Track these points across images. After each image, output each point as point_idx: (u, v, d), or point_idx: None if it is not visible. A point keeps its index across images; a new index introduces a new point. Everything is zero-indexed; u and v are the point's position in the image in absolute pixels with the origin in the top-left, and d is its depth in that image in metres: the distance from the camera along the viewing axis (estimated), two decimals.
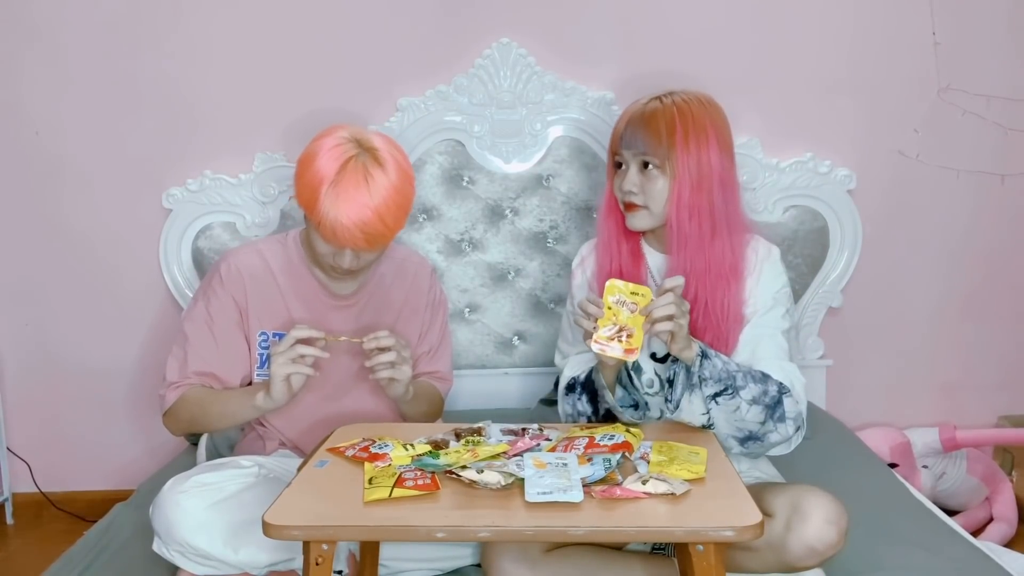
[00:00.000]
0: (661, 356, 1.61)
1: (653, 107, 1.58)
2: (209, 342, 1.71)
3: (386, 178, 1.58)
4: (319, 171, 1.57)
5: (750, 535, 1.11)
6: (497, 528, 1.13)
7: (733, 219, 1.59)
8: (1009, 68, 2.38)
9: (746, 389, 1.47)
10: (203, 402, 1.68)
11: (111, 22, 2.34)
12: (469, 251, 2.38)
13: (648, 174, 1.57)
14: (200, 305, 1.73)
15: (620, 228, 1.65)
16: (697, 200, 1.55)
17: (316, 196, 1.56)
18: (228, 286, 1.72)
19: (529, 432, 1.44)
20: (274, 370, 1.56)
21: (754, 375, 1.49)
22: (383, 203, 1.57)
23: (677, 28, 2.36)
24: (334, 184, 1.55)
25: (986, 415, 2.55)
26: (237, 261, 1.74)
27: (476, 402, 2.33)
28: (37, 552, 2.36)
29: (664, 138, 1.54)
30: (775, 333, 1.58)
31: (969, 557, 1.60)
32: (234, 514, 1.46)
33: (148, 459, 2.50)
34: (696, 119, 1.55)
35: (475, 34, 2.33)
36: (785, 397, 1.50)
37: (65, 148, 2.40)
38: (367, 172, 1.56)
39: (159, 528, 1.49)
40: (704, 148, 1.55)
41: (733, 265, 1.57)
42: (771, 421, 1.50)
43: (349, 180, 1.55)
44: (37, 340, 2.49)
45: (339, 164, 1.56)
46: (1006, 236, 2.47)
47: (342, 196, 1.55)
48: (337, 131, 1.61)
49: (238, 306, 1.72)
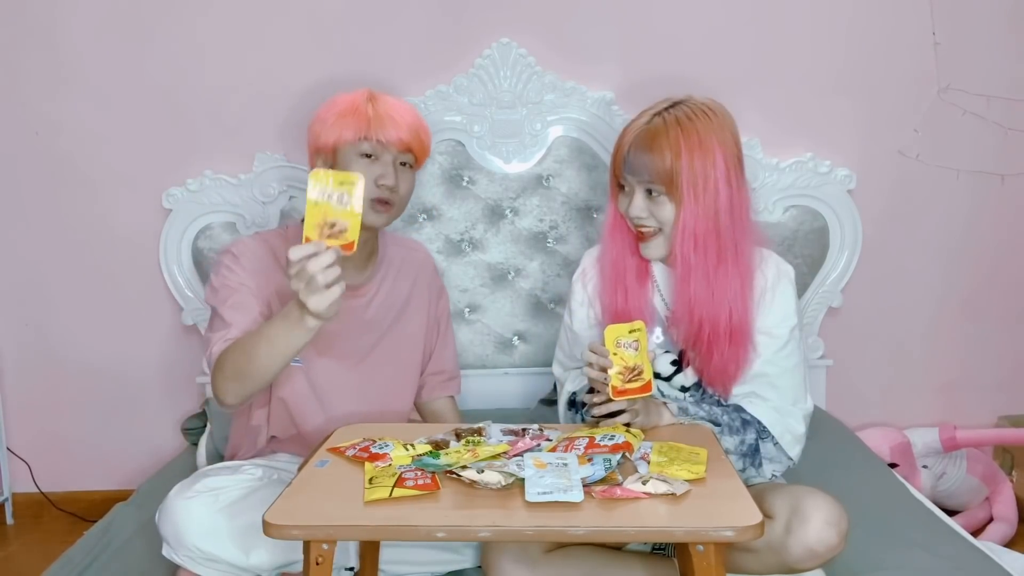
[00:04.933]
0: (667, 376, 1.61)
1: (654, 126, 1.48)
2: (242, 301, 1.61)
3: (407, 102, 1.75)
4: (350, 98, 1.67)
5: (750, 535, 1.11)
6: (497, 528, 1.13)
7: (741, 240, 1.52)
8: (1009, 68, 2.38)
9: (723, 440, 1.50)
10: (244, 346, 1.45)
11: (111, 22, 2.34)
12: (469, 251, 2.38)
13: (655, 200, 1.50)
14: (216, 284, 1.64)
15: (626, 244, 1.60)
16: (704, 227, 1.48)
17: (357, 112, 1.63)
18: (244, 262, 1.66)
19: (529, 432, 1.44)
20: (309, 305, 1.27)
21: (732, 425, 1.52)
22: (418, 113, 1.72)
23: (677, 28, 2.36)
24: (370, 100, 1.66)
25: (986, 415, 2.55)
26: (244, 246, 1.70)
27: (476, 402, 2.33)
28: (37, 552, 2.36)
29: (670, 162, 1.45)
30: (784, 372, 1.55)
31: (969, 557, 1.60)
32: (242, 517, 1.46)
33: (148, 459, 2.50)
34: (702, 137, 1.46)
35: (475, 34, 2.33)
36: (762, 443, 1.52)
37: (65, 148, 2.40)
38: (390, 96, 1.71)
39: (167, 535, 1.48)
40: (711, 169, 1.46)
41: (740, 294, 1.52)
42: (751, 468, 1.53)
43: (381, 97, 1.69)
44: (37, 340, 2.49)
45: (366, 92, 1.69)
46: (1006, 236, 2.47)
47: (383, 105, 1.66)
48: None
49: (256, 281, 1.65)
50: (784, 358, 1.56)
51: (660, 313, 1.61)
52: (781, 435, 1.53)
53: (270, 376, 1.45)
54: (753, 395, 1.56)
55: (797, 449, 1.56)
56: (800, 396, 1.57)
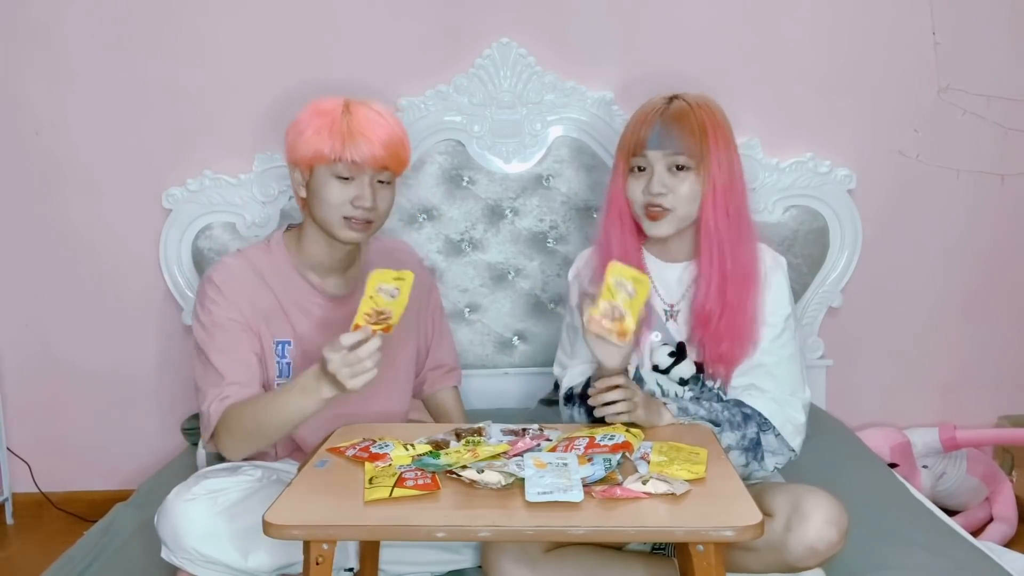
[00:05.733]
0: (664, 368, 1.61)
1: (680, 106, 1.53)
2: (231, 345, 1.61)
3: (385, 107, 1.65)
4: (325, 109, 1.60)
5: (750, 535, 1.11)
6: (497, 528, 1.13)
7: (751, 222, 1.58)
8: (1009, 68, 2.38)
9: (724, 436, 1.51)
10: (253, 414, 1.53)
11: (111, 22, 2.34)
12: (469, 251, 2.38)
13: (677, 176, 1.52)
14: (204, 320, 1.62)
15: (626, 238, 1.61)
16: (729, 201, 1.53)
17: (331, 128, 1.57)
18: (227, 293, 1.63)
19: (529, 432, 1.44)
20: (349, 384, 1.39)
21: (732, 420, 1.52)
22: (395, 123, 1.63)
23: (677, 28, 2.36)
24: (345, 113, 1.59)
25: (986, 415, 2.55)
26: (227, 269, 1.67)
27: (476, 402, 2.33)
28: (37, 552, 2.36)
29: (699, 136, 1.51)
30: (780, 361, 1.57)
31: (969, 557, 1.60)
32: (241, 519, 1.46)
33: (148, 459, 2.50)
34: (718, 120, 1.54)
35: (475, 34, 2.33)
36: (764, 435, 1.53)
37: (65, 148, 2.40)
38: (368, 104, 1.62)
39: (166, 537, 1.48)
40: (729, 149, 1.54)
41: (754, 271, 1.56)
42: (754, 462, 1.54)
43: (357, 109, 1.60)
44: (37, 340, 2.49)
45: (341, 102, 1.61)
46: (1006, 236, 2.47)
47: (358, 119, 1.58)
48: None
49: (241, 312, 1.63)
50: (780, 347, 1.57)
51: (657, 308, 1.61)
52: (782, 425, 1.54)
53: (281, 437, 1.57)
54: (752, 387, 1.56)
55: (798, 440, 1.56)
56: (798, 386, 1.58)
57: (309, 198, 1.64)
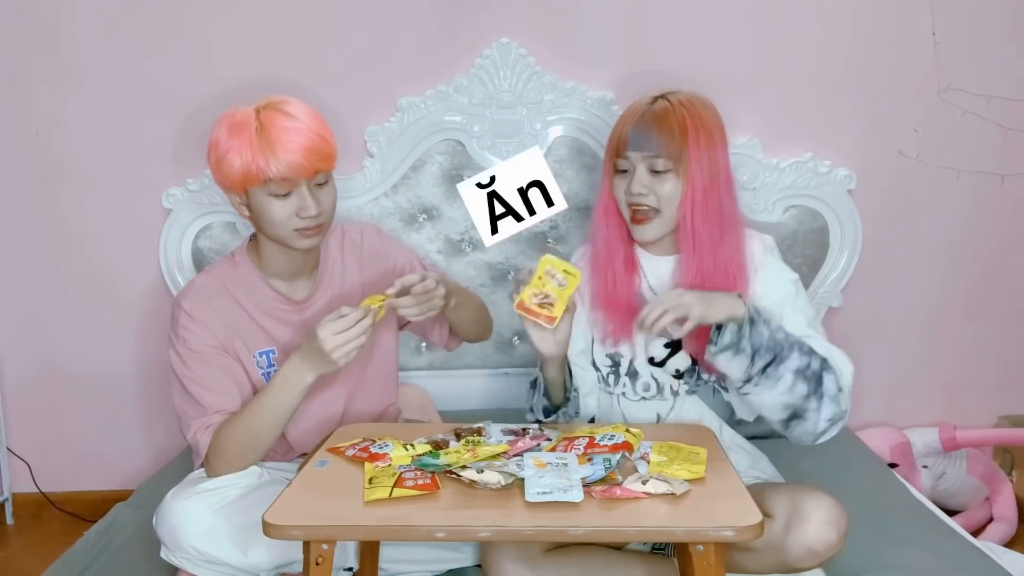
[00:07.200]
0: (660, 360, 1.61)
1: (662, 106, 1.55)
2: (209, 373, 1.63)
3: (296, 105, 1.58)
4: (237, 129, 1.54)
5: (750, 535, 1.11)
6: (497, 528, 1.13)
7: (736, 218, 1.59)
8: (1009, 68, 2.38)
9: (791, 359, 1.44)
10: (243, 422, 1.55)
11: (111, 22, 2.34)
12: (469, 251, 2.38)
13: (658, 177, 1.54)
14: (180, 349, 1.65)
15: (617, 235, 1.63)
16: (710, 201, 1.54)
17: (249, 149, 1.52)
18: (198, 318, 1.64)
19: (529, 432, 1.44)
20: (335, 356, 1.47)
21: (801, 346, 1.46)
22: (312, 120, 1.57)
23: (677, 28, 2.36)
24: (258, 131, 1.53)
25: (986, 415, 2.55)
26: (195, 293, 1.68)
27: (476, 402, 2.33)
28: (37, 552, 2.36)
29: (677, 137, 1.52)
30: (811, 321, 1.57)
31: (969, 557, 1.60)
32: (239, 517, 1.46)
33: (148, 459, 2.50)
34: (703, 118, 1.54)
35: (475, 34, 2.33)
36: (826, 374, 1.47)
37: (65, 148, 2.40)
38: (277, 108, 1.56)
39: (164, 536, 1.48)
40: (712, 147, 1.54)
41: (740, 264, 1.56)
42: (814, 398, 1.45)
43: (270, 119, 1.54)
44: (37, 340, 2.49)
45: (251, 115, 1.55)
46: (1006, 236, 2.47)
47: (272, 132, 1.52)
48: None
49: (215, 334, 1.64)
50: (804, 307, 1.59)
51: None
52: (841, 371, 1.49)
53: (274, 438, 1.58)
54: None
55: (849, 400, 1.50)
56: (835, 351, 1.53)
57: (254, 218, 1.63)
